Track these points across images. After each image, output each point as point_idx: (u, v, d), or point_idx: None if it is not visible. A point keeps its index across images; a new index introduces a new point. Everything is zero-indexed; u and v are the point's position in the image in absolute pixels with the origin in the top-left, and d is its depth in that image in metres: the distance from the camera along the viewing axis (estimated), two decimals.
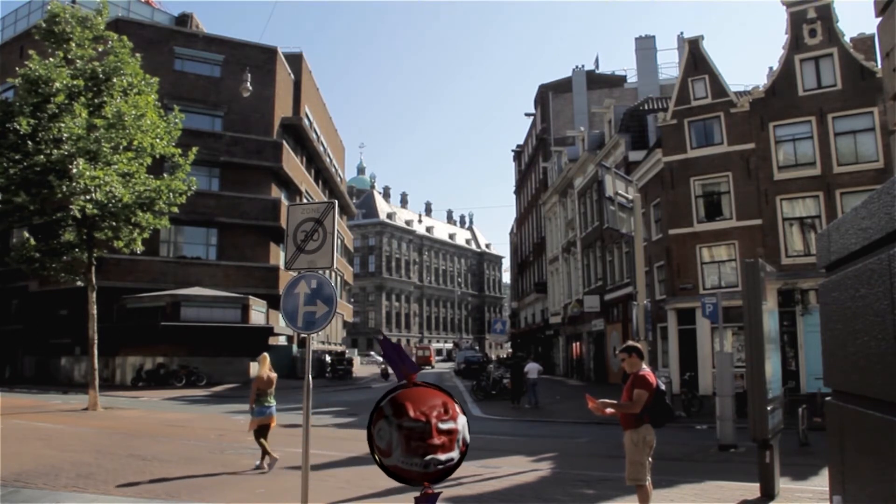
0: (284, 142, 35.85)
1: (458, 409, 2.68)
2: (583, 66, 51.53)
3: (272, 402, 9.35)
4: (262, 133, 35.09)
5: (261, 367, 9.51)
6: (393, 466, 2.62)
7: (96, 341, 18.13)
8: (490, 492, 8.13)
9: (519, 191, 63.77)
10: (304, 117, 41.29)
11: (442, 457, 2.55)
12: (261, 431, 9.32)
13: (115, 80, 18.24)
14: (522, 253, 61.00)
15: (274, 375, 9.54)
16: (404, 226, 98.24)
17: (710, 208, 24.37)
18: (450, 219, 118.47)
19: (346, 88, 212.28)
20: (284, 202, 33.33)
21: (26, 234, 18.59)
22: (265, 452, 9.30)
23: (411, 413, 2.57)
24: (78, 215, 16.99)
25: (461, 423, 2.66)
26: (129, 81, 18.47)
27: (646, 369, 5.89)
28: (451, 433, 2.59)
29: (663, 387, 6.14)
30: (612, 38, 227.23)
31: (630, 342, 6.39)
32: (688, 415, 17.63)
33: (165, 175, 19.06)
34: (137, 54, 19.41)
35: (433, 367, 61.50)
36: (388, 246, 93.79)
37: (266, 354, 9.81)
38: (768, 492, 7.48)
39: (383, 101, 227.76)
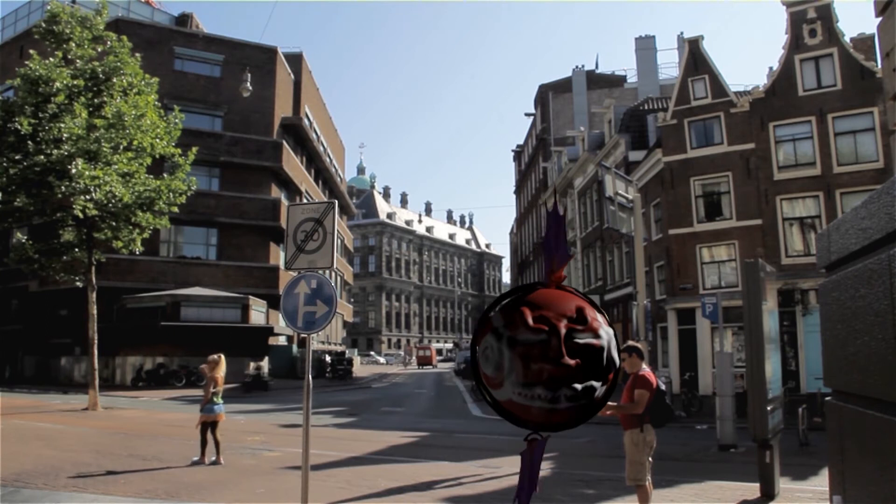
0: (284, 142, 35.85)
1: (600, 317, 1.86)
2: (583, 66, 51.57)
3: (220, 400, 9.51)
4: (262, 133, 35.10)
5: (218, 368, 9.60)
6: (507, 402, 1.83)
7: (96, 341, 18.13)
8: (490, 492, 8.13)
9: (519, 191, 63.76)
10: (304, 117, 41.29)
11: (578, 385, 1.76)
12: (210, 427, 9.36)
13: (115, 80, 18.23)
14: (522, 253, 60.98)
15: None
16: (404, 226, 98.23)
17: (710, 208, 24.37)
18: (450, 219, 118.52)
19: (346, 88, 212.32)
20: (284, 202, 33.34)
21: (20, 236, 18.59)
22: (216, 448, 9.53)
23: (529, 321, 1.77)
24: (79, 215, 16.98)
25: (606, 336, 1.81)
26: (129, 81, 18.47)
27: (646, 369, 5.90)
28: (589, 351, 1.77)
29: (663, 387, 6.15)
30: (612, 38, 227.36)
31: (630, 342, 6.39)
32: (688, 415, 17.63)
33: (165, 175, 19.06)
34: (137, 54, 19.40)
35: (435, 367, 61.48)
36: (388, 246, 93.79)
37: (222, 355, 9.92)
38: (768, 492, 7.48)
39: (383, 101, 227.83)
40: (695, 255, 24.16)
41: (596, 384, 1.80)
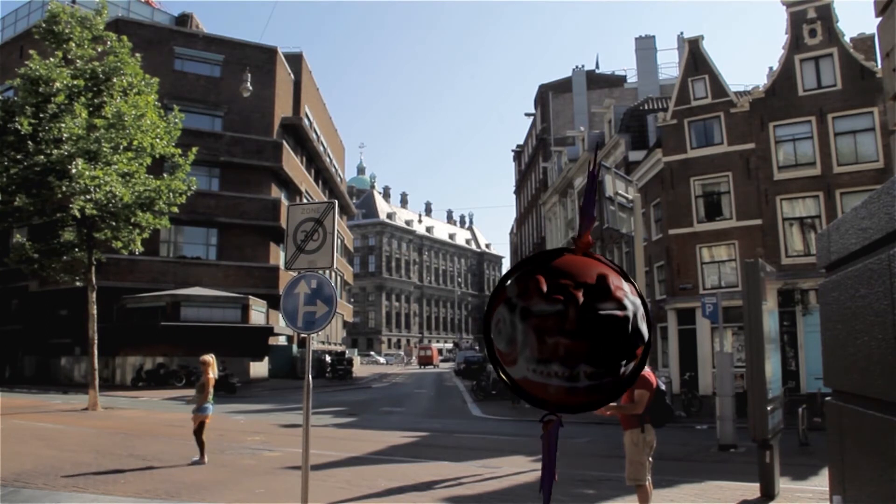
0: (284, 142, 35.86)
1: (627, 286, 1.62)
2: (583, 66, 51.56)
3: (212, 401, 9.59)
4: (262, 133, 35.10)
5: (211, 369, 9.64)
6: (522, 380, 1.63)
7: (96, 341, 18.13)
8: (490, 492, 8.14)
9: (519, 191, 63.76)
10: (304, 117, 41.29)
11: (600, 362, 1.57)
12: (202, 427, 9.41)
13: (115, 80, 18.24)
14: (522, 253, 60.96)
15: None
16: (404, 226, 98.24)
17: (710, 208, 24.37)
18: (450, 219, 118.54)
19: (346, 88, 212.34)
20: (284, 202, 33.34)
21: (19, 237, 18.59)
22: (202, 448, 9.60)
23: (544, 289, 1.56)
24: (78, 215, 16.99)
25: (632, 307, 1.58)
26: (129, 81, 18.47)
27: (646, 369, 5.89)
28: (612, 323, 1.55)
29: (663, 387, 6.14)
30: (612, 38, 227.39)
31: None
32: (688, 415, 17.63)
33: (165, 175, 19.06)
34: (137, 54, 19.41)
35: (437, 367, 61.49)
36: (388, 246, 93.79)
37: (213, 355, 9.93)
38: (768, 492, 7.48)
39: (383, 101, 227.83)
40: (695, 255, 24.17)
41: (621, 360, 1.59)
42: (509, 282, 1.69)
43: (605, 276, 1.60)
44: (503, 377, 1.69)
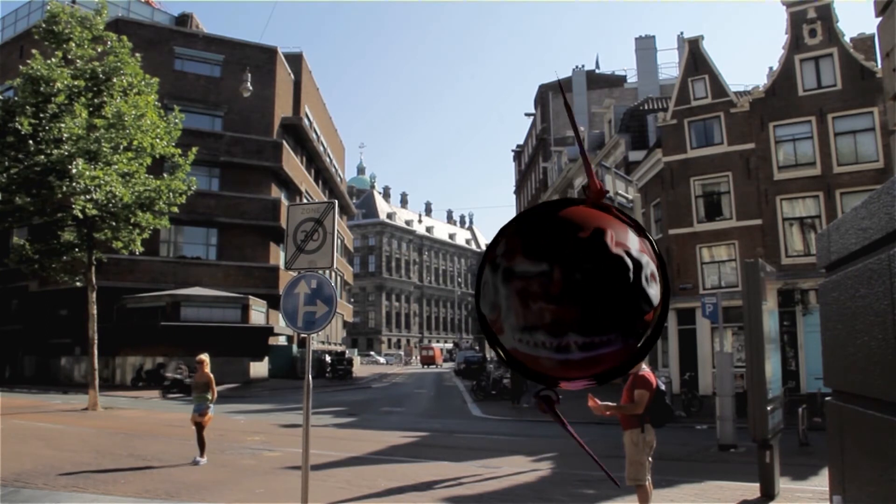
0: (284, 142, 35.86)
1: (635, 241, 1.38)
2: (583, 66, 51.57)
3: (200, 401, 9.56)
4: (262, 133, 35.10)
5: (206, 367, 9.63)
6: (513, 350, 1.43)
7: (96, 341, 18.13)
8: (490, 492, 8.14)
9: (519, 191, 63.74)
10: (304, 117, 41.29)
11: (595, 336, 1.32)
12: (199, 427, 9.44)
13: (115, 80, 18.24)
14: None
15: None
16: (404, 226, 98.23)
17: (710, 208, 24.37)
18: (450, 219, 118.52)
19: (346, 88, 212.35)
20: (284, 202, 33.34)
21: (17, 239, 18.60)
22: (202, 447, 9.58)
23: (529, 245, 1.37)
24: (78, 215, 16.99)
25: (637, 266, 1.34)
26: (129, 81, 18.47)
27: (645, 369, 5.89)
28: (604, 287, 1.32)
29: (663, 387, 6.15)
30: (612, 38, 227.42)
31: None
32: (688, 415, 17.63)
33: (165, 175, 19.06)
34: (137, 54, 19.41)
35: (440, 367, 61.47)
36: (388, 246, 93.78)
37: (207, 354, 9.92)
38: (768, 492, 7.48)
39: (383, 101, 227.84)
40: (695, 255, 24.17)
41: (622, 328, 1.34)
42: (500, 238, 1.47)
43: (602, 230, 1.36)
44: (496, 349, 1.48)
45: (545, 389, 1.60)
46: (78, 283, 19.46)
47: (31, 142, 17.02)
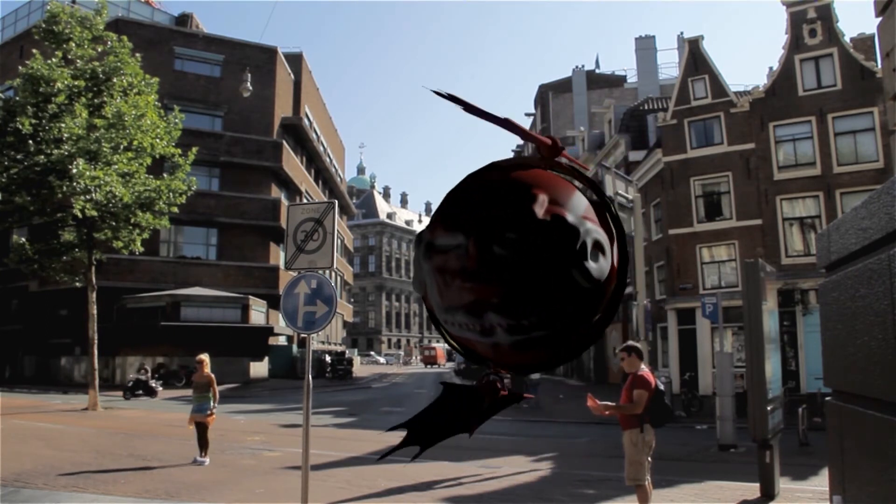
0: (284, 142, 35.85)
1: (578, 205, 1.10)
2: (583, 66, 51.54)
3: (199, 400, 9.54)
4: (262, 133, 35.10)
5: (206, 367, 9.61)
6: (451, 332, 1.29)
7: (96, 341, 18.12)
8: (490, 492, 8.14)
9: None
10: (304, 117, 41.28)
11: (519, 318, 1.06)
12: (201, 426, 9.53)
13: (115, 80, 18.24)
14: None
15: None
16: (404, 226, 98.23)
17: (710, 208, 24.37)
18: None
19: (346, 88, 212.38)
20: (284, 202, 33.33)
21: (17, 238, 18.59)
22: (205, 447, 9.56)
23: (449, 214, 1.16)
24: (78, 215, 16.99)
25: (576, 236, 1.00)
26: (129, 81, 18.47)
27: (644, 369, 5.90)
28: (529, 261, 1.04)
29: (662, 387, 6.15)
30: (612, 38, 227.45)
31: (630, 342, 6.39)
32: (688, 415, 17.63)
33: (165, 175, 19.06)
34: (137, 54, 19.41)
35: (443, 366, 61.46)
36: (388, 246, 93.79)
37: (207, 354, 9.90)
38: (768, 492, 7.48)
39: (383, 101, 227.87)
40: (695, 255, 24.17)
41: (556, 308, 1.11)
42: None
43: (532, 193, 1.13)
44: (440, 331, 1.29)
45: (492, 373, 1.41)
46: (78, 283, 19.46)
47: (31, 142, 17.02)
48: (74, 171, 16.46)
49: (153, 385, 22.69)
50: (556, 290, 1.08)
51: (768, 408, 7.38)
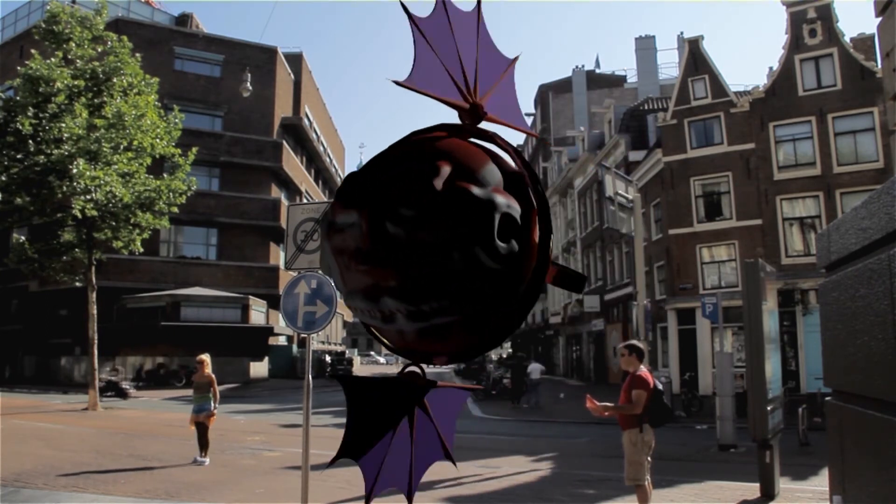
0: (284, 142, 35.86)
1: (489, 177, 1.02)
2: (583, 66, 51.53)
3: (201, 400, 9.63)
4: (262, 133, 35.10)
5: (206, 367, 9.62)
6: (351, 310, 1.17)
7: (96, 341, 18.13)
8: (490, 492, 8.14)
9: None
10: (304, 117, 41.29)
11: (418, 303, 0.98)
12: (202, 426, 9.53)
13: (115, 80, 18.24)
14: None
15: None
16: None
17: (710, 208, 24.37)
18: None
19: (346, 88, 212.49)
20: (284, 202, 33.34)
21: (17, 237, 18.59)
22: (205, 447, 9.56)
23: (347, 196, 1.06)
24: (78, 215, 17.00)
25: (487, 205, 0.95)
26: (129, 81, 18.47)
27: (643, 370, 5.90)
28: (430, 240, 0.95)
29: (661, 387, 6.15)
30: (612, 38, 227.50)
31: (635, 341, 6.41)
32: (688, 415, 17.63)
33: (165, 175, 19.06)
34: (137, 54, 19.40)
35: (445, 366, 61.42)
36: None
37: (208, 354, 9.91)
38: (768, 492, 7.48)
39: (383, 101, 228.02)
40: (695, 255, 24.17)
41: (463, 294, 0.97)
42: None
43: (435, 167, 0.97)
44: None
45: (412, 365, 1.30)
46: (78, 283, 19.46)
47: (31, 142, 17.02)
48: (74, 171, 16.46)
49: (125, 387, 22.50)
50: (458, 272, 0.95)
51: (768, 408, 7.37)
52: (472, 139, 1.16)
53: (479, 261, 0.94)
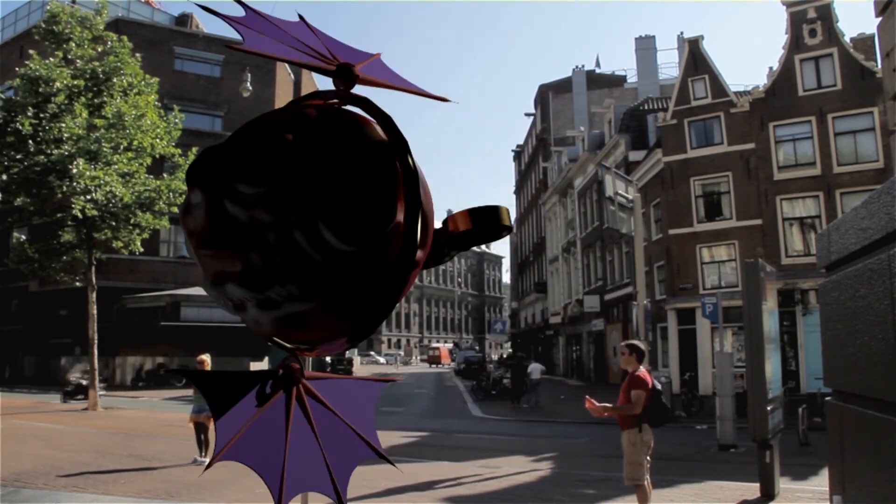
0: None
1: (347, 149, 1.01)
2: (583, 66, 51.54)
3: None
4: None
5: (206, 368, 9.59)
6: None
7: (96, 341, 18.13)
8: (490, 492, 8.14)
9: (519, 191, 63.74)
10: None
11: (264, 289, 0.93)
12: (202, 427, 9.51)
13: (115, 80, 18.25)
14: (522, 253, 60.97)
15: None
16: None
17: (710, 208, 24.37)
18: None
19: None
20: None
21: (17, 237, 18.59)
22: (206, 447, 9.57)
23: (196, 174, 0.98)
24: (78, 215, 17.00)
25: (340, 182, 0.92)
26: (129, 82, 18.48)
27: (642, 369, 5.90)
28: (267, 224, 0.89)
29: (660, 387, 6.15)
30: (612, 38, 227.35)
31: (636, 341, 6.41)
32: (688, 415, 17.64)
33: (165, 175, 19.07)
34: (137, 54, 19.40)
35: (446, 366, 61.42)
36: None
37: (208, 354, 9.92)
38: (768, 492, 7.48)
39: (383, 101, 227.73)
40: (695, 255, 24.17)
41: (307, 279, 0.90)
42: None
43: (283, 141, 0.89)
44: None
45: (290, 357, 1.20)
46: (78, 283, 19.46)
47: (31, 142, 17.03)
48: (74, 171, 16.46)
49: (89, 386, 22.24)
50: (302, 255, 0.84)
51: (768, 408, 7.38)
52: (346, 106, 1.08)
53: (325, 242, 0.86)
